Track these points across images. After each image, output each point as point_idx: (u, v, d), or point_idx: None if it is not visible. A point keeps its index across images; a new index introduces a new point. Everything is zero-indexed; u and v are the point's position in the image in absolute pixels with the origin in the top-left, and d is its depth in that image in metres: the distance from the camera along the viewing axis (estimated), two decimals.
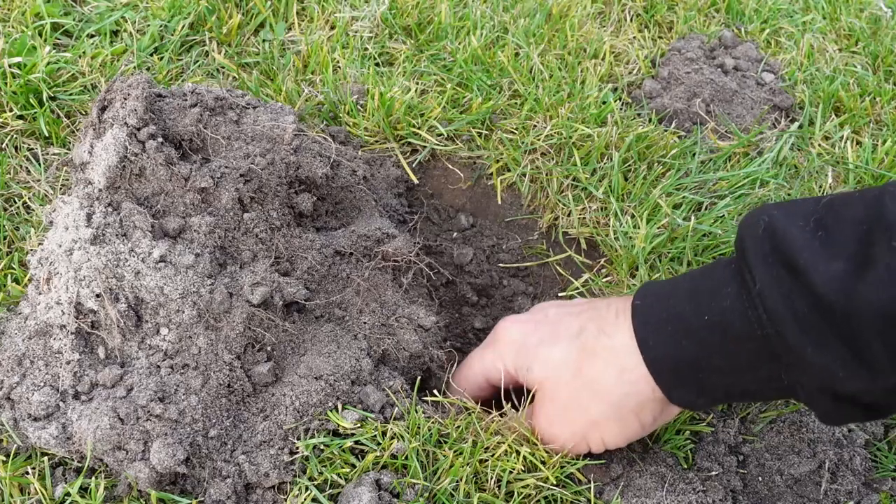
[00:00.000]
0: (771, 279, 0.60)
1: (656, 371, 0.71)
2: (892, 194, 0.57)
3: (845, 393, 0.59)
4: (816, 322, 0.57)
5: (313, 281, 0.91)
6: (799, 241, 0.59)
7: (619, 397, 0.74)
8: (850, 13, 1.56)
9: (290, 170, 0.92)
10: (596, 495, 0.82)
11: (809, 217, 0.60)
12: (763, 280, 0.60)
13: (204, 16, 1.24)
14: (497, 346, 0.87)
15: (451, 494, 0.79)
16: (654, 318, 0.71)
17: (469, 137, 1.17)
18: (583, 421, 0.78)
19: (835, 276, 0.56)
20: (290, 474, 0.79)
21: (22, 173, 1.02)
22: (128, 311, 0.81)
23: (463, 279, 1.12)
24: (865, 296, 0.54)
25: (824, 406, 0.63)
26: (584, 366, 0.77)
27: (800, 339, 0.58)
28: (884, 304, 0.53)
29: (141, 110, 0.84)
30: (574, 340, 0.78)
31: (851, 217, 0.58)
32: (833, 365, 0.57)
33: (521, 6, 1.38)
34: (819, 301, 0.57)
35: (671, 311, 0.69)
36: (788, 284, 0.59)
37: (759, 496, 0.85)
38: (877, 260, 0.54)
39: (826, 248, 0.57)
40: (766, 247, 0.61)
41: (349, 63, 1.22)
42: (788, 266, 0.59)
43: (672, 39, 1.44)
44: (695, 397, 0.71)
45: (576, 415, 0.79)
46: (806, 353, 0.58)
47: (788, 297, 0.59)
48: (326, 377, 0.83)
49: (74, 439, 0.77)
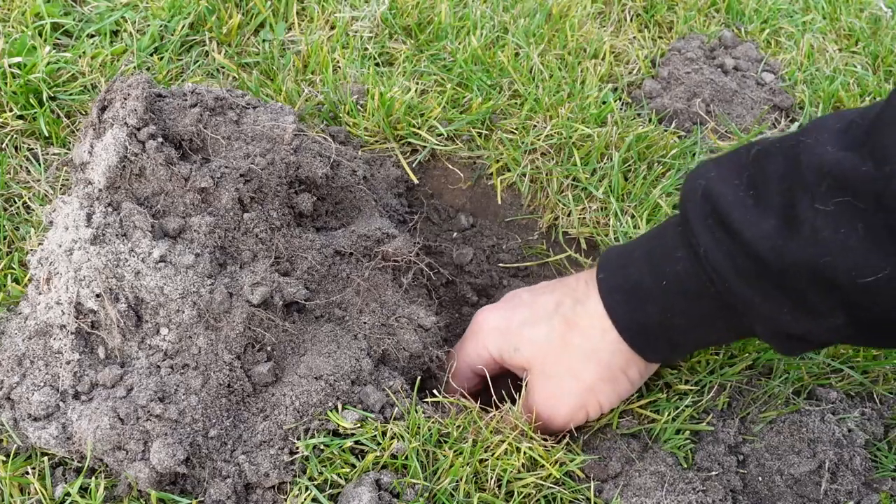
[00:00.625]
0: (713, 240, 0.65)
1: (628, 336, 0.77)
2: (805, 146, 0.61)
3: (796, 334, 0.66)
4: (757, 277, 0.63)
5: (313, 281, 0.91)
6: (733, 203, 0.64)
7: (608, 357, 0.79)
8: (850, 13, 1.56)
9: (290, 170, 0.92)
10: (595, 494, 0.82)
11: (742, 173, 0.65)
12: (706, 243, 0.66)
13: (204, 16, 1.24)
14: (479, 336, 0.89)
15: (451, 494, 0.79)
16: (617, 288, 0.77)
17: (469, 137, 1.17)
18: (579, 388, 0.82)
19: (766, 235, 0.61)
20: (290, 474, 0.79)
21: (22, 173, 1.02)
22: (128, 311, 0.81)
23: (463, 279, 1.12)
24: (795, 254, 0.60)
25: (781, 344, 0.70)
26: (568, 336, 0.81)
27: (746, 292, 0.65)
28: (810, 261, 0.59)
29: (141, 110, 0.84)
30: (554, 316, 0.83)
31: (774, 172, 0.63)
32: (779, 312, 0.64)
33: (521, 6, 1.38)
34: (756, 258, 0.62)
35: (631, 280, 0.76)
36: (728, 244, 0.64)
37: (759, 496, 0.85)
38: (802, 220, 0.59)
39: (757, 206, 0.63)
40: (706, 209, 0.66)
41: (349, 63, 1.22)
42: (726, 227, 0.64)
43: (672, 39, 1.44)
44: (668, 353, 0.78)
45: (571, 384, 0.82)
46: (754, 303, 0.65)
47: (730, 255, 0.64)
48: (326, 377, 0.83)
49: (74, 439, 0.77)
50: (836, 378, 0.95)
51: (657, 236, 0.76)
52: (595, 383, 0.81)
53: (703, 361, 0.94)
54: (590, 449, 0.88)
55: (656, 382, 0.93)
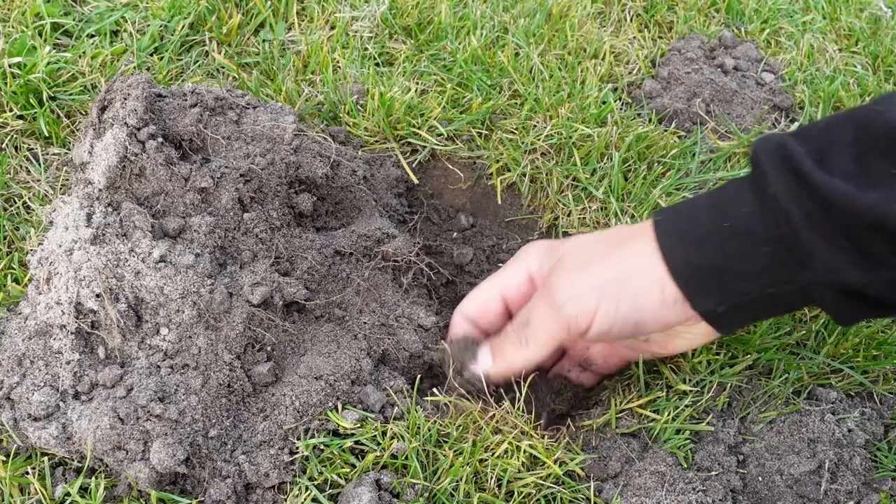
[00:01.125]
0: (783, 182, 0.67)
1: (680, 278, 0.73)
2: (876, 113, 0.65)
3: (852, 285, 0.66)
4: (823, 220, 0.64)
5: (313, 281, 0.91)
6: (804, 155, 0.66)
7: (645, 274, 0.75)
8: (850, 13, 1.56)
9: (290, 170, 0.93)
10: (595, 493, 0.82)
11: (813, 139, 0.68)
12: (776, 183, 0.67)
13: (204, 16, 1.24)
14: (521, 254, 0.89)
15: (451, 494, 0.79)
16: (675, 230, 0.74)
17: (469, 137, 1.17)
18: (607, 275, 0.77)
19: (836, 181, 0.64)
20: (290, 474, 0.79)
21: (22, 173, 1.02)
22: (128, 311, 0.81)
23: (463, 279, 1.12)
24: (863, 199, 0.62)
25: (836, 302, 0.69)
26: (614, 246, 0.79)
27: (810, 235, 0.65)
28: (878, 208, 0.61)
29: (141, 110, 0.84)
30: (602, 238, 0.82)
31: (844, 138, 0.66)
32: (839, 258, 0.65)
33: (521, 6, 1.38)
34: (825, 202, 0.64)
35: (692, 222, 0.74)
36: (797, 188, 0.66)
37: (759, 496, 0.85)
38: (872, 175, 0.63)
39: (828, 161, 0.66)
40: (777, 157, 0.68)
41: (349, 63, 1.22)
42: (796, 172, 0.66)
43: (672, 39, 1.44)
44: (716, 304, 0.74)
45: (601, 267, 0.78)
46: (818, 251, 0.65)
47: (798, 197, 0.65)
48: (326, 377, 0.83)
49: (74, 439, 0.77)
50: (836, 378, 0.95)
51: (720, 189, 0.75)
52: (625, 278, 0.76)
53: (703, 361, 0.94)
54: (590, 448, 0.88)
55: (657, 382, 0.93)
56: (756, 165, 0.70)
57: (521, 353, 0.84)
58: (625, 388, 0.95)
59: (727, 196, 0.73)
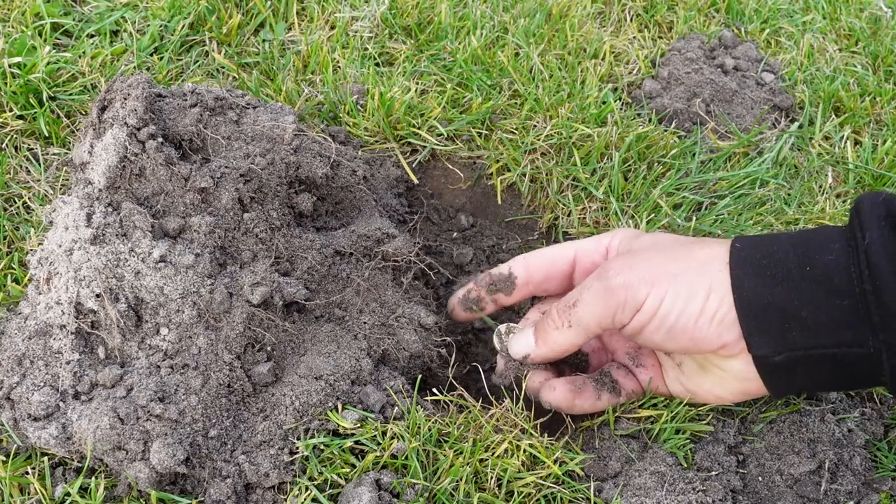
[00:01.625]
0: (879, 235, 0.63)
1: (744, 310, 0.69)
2: None
3: None
4: None
5: (313, 281, 0.91)
6: None
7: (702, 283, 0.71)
8: (850, 13, 1.56)
9: (290, 170, 0.93)
10: (595, 493, 0.82)
11: None
12: (873, 236, 0.64)
13: (204, 16, 1.24)
14: (610, 232, 0.89)
15: (451, 494, 0.79)
16: (752, 259, 0.70)
17: (469, 137, 1.17)
18: (665, 269, 0.73)
19: None
20: (290, 474, 0.79)
21: (22, 173, 1.02)
22: (128, 311, 0.81)
23: (463, 279, 1.12)
24: None
25: None
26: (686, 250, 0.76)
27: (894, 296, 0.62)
28: None
29: (141, 110, 0.84)
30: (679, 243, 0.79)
31: None
32: None
33: (521, 6, 1.38)
34: None
35: (772, 256, 0.69)
36: (893, 243, 0.63)
37: (759, 496, 0.85)
38: None
39: None
40: (882, 210, 0.65)
41: (349, 63, 1.22)
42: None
43: (672, 39, 1.44)
44: (774, 351, 0.69)
45: (663, 262, 0.74)
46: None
47: (892, 253, 0.62)
48: (326, 377, 0.83)
49: (74, 439, 0.77)
50: None
51: (808, 230, 0.72)
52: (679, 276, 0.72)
53: None
54: (589, 448, 0.88)
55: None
56: (856, 214, 0.66)
57: (564, 335, 0.81)
58: None
59: (815, 238, 0.69)
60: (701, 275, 0.71)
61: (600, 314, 0.77)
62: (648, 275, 0.74)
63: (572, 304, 0.80)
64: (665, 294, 0.72)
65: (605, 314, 0.76)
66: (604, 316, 0.77)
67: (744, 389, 0.79)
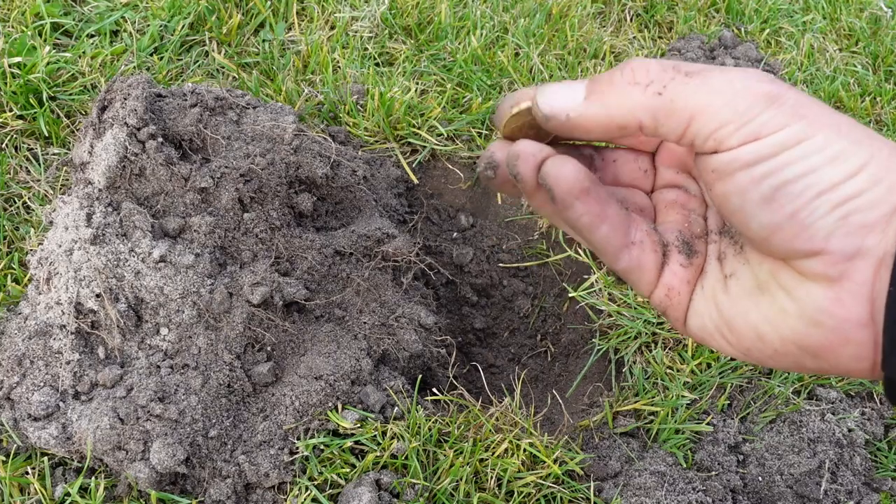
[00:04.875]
0: None
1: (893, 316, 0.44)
2: None
3: None
4: None
5: (313, 281, 0.91)
6: None
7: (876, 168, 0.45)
8: (850, 13, 1.56)
9: (290, 170, 0.93)
10: (595, 493, 0.82)
11: None
12: None
13: (204, 16, 1.24)
14: None
15: (451, 494, 0.79)
16: None
17: (469, 137, 1.17)
18: (831, 116, 0.46)
19: None
20: (290, 474, 0.79)
21: (22, 173, 1.02)
22: (128, 311, 0.81)
23: (463, 279, 1.12)
24: None
25: None
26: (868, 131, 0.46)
27: None
28: None
29: (141, 110, 0.84)
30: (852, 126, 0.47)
31: None
32: None
33: (521, 6, 1.38)
34: None
35: None
36: None
37: (759, 496, 0.85)
38: None
39: None
40: None
41: (349, 63, 1.22)
42: None
43: (672, 39, 1.44)
44: None
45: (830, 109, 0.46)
46: None
47: None
48: (326, 377, 0.83)
49: (74, 439, 0.77)
50: (837, 378, 0.95)
51: None
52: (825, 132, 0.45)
53: (703, 362, 0.94)
54: (589, 448, 0.88)
55: (655, 382, 0.93)
56: None
57: (639, 98, 0.49)
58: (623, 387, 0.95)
59: None
60: (871, 151, 0.45)
61: (713, 109, 0.47)
62: (805, 108, 0.46)
63: (684, 72, 0.49)
64: (812, 136, 0.46)
65: (716, 115, 0.47)
66: (712, 116, 0.47)
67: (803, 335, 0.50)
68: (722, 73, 0.49)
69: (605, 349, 0.99)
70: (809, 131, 0.47)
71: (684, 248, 0.56)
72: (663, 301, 0.54)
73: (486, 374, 0.94)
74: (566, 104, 0.53)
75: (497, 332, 1.13)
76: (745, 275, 0.55)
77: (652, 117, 0.49)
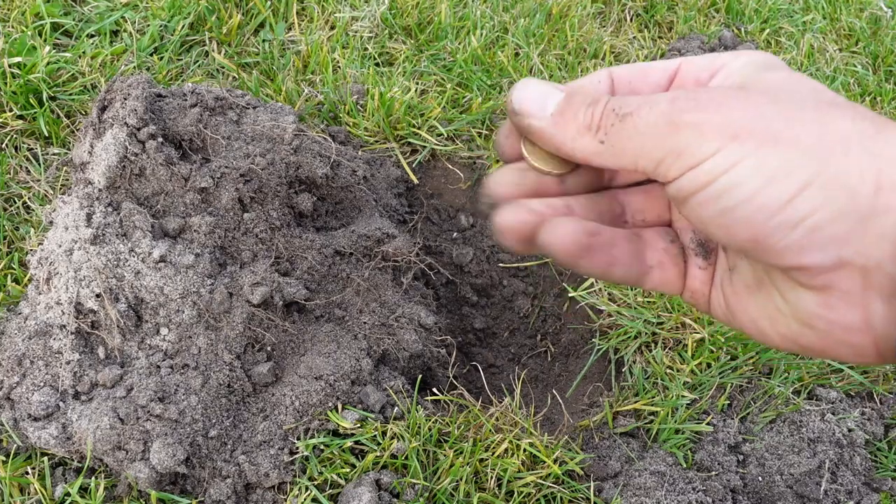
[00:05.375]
0: None
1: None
2: None
3: None
4: None
5: (313, 281, 0.91)
6: None
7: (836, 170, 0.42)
8: (850, 13, 1.56)
9: (290, 170, 0.93)
10: (595, 493, 0.82)
11: None
12: None
13: (204, 16, 1.24)
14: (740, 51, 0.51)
15: (451, 494, 0.79)
16: None
17: (469, 137, 1.17)
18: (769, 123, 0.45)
19: None
20: (290, 474, 0.78)
21: (22, 173, 1.02)
22: (128, 311, 0.81)
23: (463, 279, 1.12)
24: None
25: None
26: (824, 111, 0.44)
27: None
28: None
29: (141, 110, 0.84)
30: None
31: None
32: None
33: (521, 6, 1.38)
34: None
35: None
36: None
37: (759, 496, 0.85)
38: None
39: None
40: None
41: (349, 63, 1.22)
42: None
43: (672, 39, 1.44)
44: None
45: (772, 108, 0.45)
46: None
47: None
48: (326, 377, 0.83)
49: (74, 439, 0.77)
50: (836, 378, 0.95)
51: None
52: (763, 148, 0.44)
53: (703, 362, 0.94)
54: (589, 448, 0.88)
55: (655, 382, 0.93)
56: None
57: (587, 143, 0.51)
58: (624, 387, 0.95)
59: None
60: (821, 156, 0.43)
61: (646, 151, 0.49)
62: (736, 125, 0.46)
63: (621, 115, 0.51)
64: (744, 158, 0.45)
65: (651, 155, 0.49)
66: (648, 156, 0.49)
67: (798, 335, 0.50)
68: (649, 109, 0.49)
69: (604, 349, 0.99)
70: (742, 152, 0.46)
71: (700, 250, 0.56)
72: (690, 300, 0.55)
73: (486, 374, 0.94)
74: (533, 110, 0.53)
75: (497, 332, 1.13)
76: (745, 269, 0.55)
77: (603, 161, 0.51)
